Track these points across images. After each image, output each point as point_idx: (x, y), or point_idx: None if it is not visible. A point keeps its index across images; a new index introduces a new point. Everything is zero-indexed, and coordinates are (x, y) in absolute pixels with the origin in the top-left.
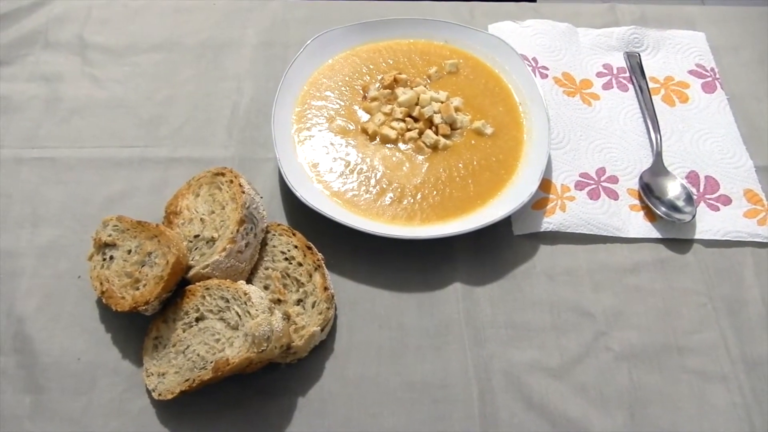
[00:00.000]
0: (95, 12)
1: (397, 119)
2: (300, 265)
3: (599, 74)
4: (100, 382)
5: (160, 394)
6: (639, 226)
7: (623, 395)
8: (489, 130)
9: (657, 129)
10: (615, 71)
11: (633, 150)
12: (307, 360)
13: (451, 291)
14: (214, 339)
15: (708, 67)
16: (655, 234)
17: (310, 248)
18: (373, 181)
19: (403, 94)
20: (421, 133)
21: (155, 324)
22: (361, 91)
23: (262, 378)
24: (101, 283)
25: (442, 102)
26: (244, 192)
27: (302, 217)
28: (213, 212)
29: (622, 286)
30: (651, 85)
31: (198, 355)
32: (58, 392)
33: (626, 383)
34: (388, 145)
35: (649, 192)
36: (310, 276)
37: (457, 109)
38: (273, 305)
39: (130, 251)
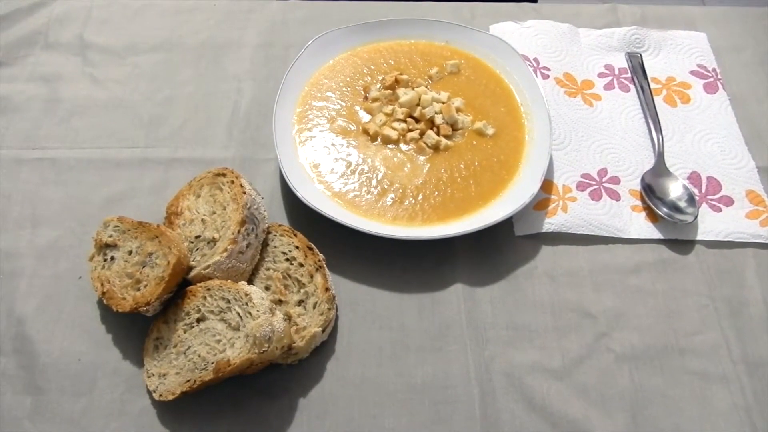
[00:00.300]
0: (95, 12)
1: (399, 120)
2: (301, 265)
3: (601, 75)
4: (100, 382)
5: (161, 395)
6: (641, 226)
7: (624, 396)
8: (490, 131)
9: (659, 129)
10: (616, 72)
11: (635, 151)
12: (308, 361)
13: (452, 292)
14: (215, 340)
15: (710, 68)
16: (656, 235)
17: (311, 249)
18: (374, 182)
19: (405, 95)
20: (422, 134)
21: (156, 325)
22: (362, 92)
23: (262, 379)
24: (102, 284)
25: (443, 102)
26: (245, 193)
27: (303, 217)
28: (214, 213)
29: (623, 287)
30: (652, 85)
31: (199, 355)
32: (59, 393)
33: (627, 384)
34: (390, 146)
35: (650, 193)
36: (311, 277)
37: (458, 110)
38: (274, 306)
39: (131, 252)
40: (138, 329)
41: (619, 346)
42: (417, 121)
